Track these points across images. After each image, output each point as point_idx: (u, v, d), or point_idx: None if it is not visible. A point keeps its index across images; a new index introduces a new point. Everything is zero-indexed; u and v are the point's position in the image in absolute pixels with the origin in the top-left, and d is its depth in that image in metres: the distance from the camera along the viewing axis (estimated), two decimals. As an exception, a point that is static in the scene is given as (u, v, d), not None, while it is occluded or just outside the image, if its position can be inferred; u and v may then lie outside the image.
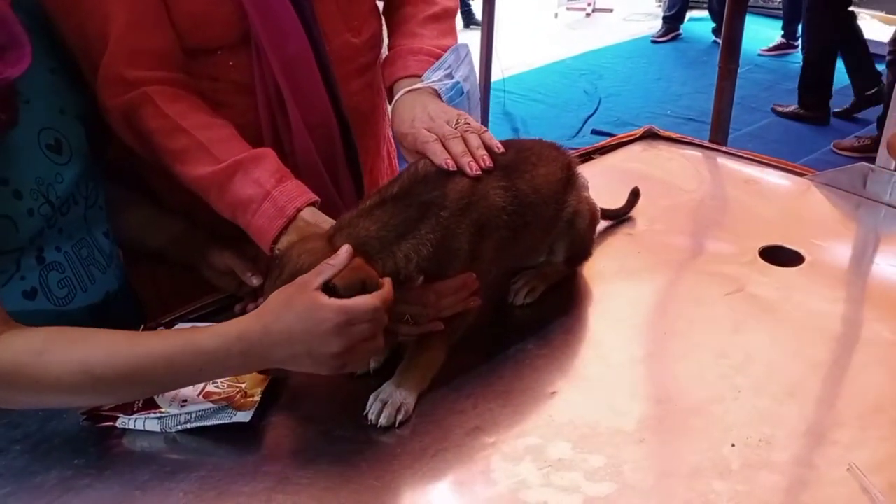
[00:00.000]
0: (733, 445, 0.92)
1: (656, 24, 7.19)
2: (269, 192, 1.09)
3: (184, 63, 1.16)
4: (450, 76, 1.20)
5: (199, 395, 0.98)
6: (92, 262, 1.11)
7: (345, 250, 0.93)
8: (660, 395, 1.02)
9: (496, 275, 1.11)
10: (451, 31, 1.32)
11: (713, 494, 0.86)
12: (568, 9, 7.75)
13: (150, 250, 1.24)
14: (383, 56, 1.32)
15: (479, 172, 1.05)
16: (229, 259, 1.17)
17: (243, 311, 1.11)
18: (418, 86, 1.20)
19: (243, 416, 0.94)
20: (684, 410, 0.98)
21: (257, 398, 0.97)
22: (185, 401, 0.97)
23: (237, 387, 0.99)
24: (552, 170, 1.15)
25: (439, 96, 1.19)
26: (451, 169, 1.04)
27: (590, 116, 5.20)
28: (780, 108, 5.08)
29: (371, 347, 0.92)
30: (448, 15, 1.33)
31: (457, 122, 1.10)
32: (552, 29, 7.45)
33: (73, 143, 1.07)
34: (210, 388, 0.99)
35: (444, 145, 1.07)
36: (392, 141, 1.50)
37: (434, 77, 1.20)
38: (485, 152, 1.07)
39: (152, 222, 1.23)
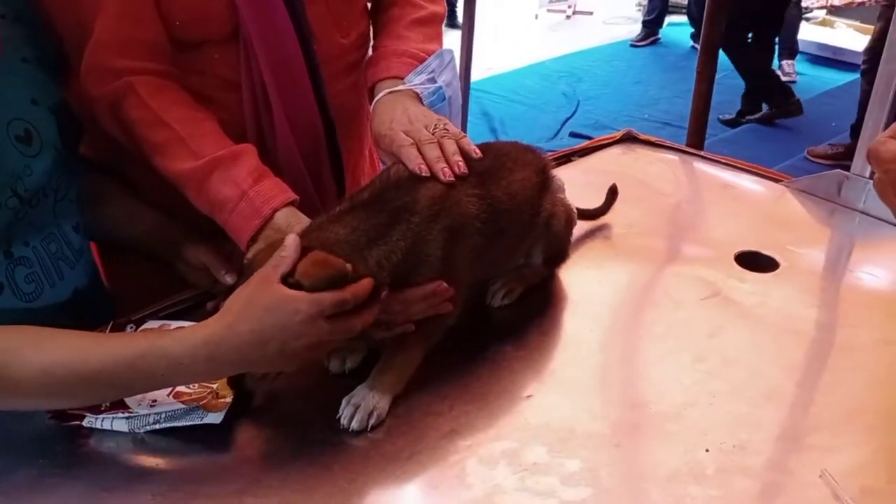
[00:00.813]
0: (708, 450, 0.92)
1: (636, 28, 7.25)
2: (245, 192, 1.07)
3: (172, 55, 1.14)
4: (432, 80, 1.19)
5: (169, 395, 0.96)
6: (61, 256, 1.09)
7: (290, 238, 0.91)
8: (636, 399, 1.02)
9: (472, 281, 1.09)
10: (437, 36, 1.31)
11: (688, 499, 0.86)
12: (548, 10, 7.79)
13: (126, 244, 1.22)
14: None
15: (452, 178, 1.03)
16: (204, 255, 1.15)
17: (216, 309, 1.09)
18: (400, 87, 1.18)
19: (214, 418, 0.92)
20: (660, 415, 0.98)
21: (229, 399, 0.95)
22: (154, 401, 0.95)
23: (208, 387, 0.97)
24: (528, 174, 1.14)
25: (420, 100, 1.18)
26: (424, 174, 1.03)
27: (568, 118, 5.23)
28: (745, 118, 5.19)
29: (341, 340, 0.91)
30: (435, 20, 1.32)
31: (434, 127, 1.09)
32: (532, 30, 7.49)
33: (44, 135, 1.04)
34: (181, 388, 0.97)
35: (419, 150, 1.06)
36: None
37: (416, 80, 1.19)
38: (460, 158, 1.05)
39: (128, 215, 1.20)
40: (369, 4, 1.34)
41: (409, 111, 1.13)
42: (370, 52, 1.32)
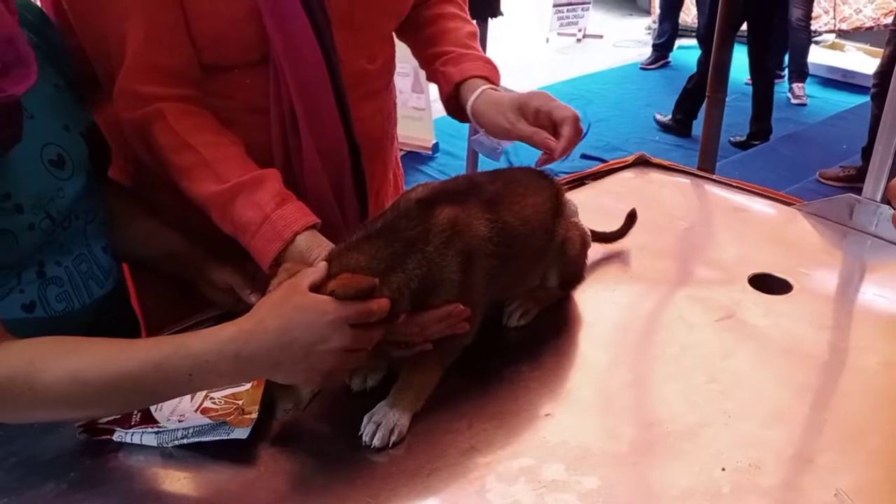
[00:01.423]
0: (723, 469, 0.94)
1: (645, 52, 7.30)
2: (268, 216, 1.10)
3: (199, 80, 1.17)
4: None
5: (196, 410, 0.98)
6: (91, 276, 1.12)
7: (321, 262, 0.94)
8: (651, 419, 1.03)
9: (487, 302, 1.11)
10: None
11: (704, 517, 0.88)
12: (559, 34, 7.83)
13: (148, 263, 1.25)
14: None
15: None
16: (229, 276, 1.18)
17: None
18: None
19: (241, 433, 0.95)
20: (675, 434, 1.00)
21: (254, 416, 0.97)
22: (182, 416, 0.97)
23: (234, 403, 0.99)
24: (540, 200, 1.17)
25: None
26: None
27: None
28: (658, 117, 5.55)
29: (360, 357, 0.93)
30: (477, 36, 1.41)
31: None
32: (543, 54, 7.54)
33: (75, 159, 1.08)
34: (207, 404, 0.99)
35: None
36: (399, 164, 1.52)
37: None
38: None
39: (151, 236, 1.24)
40: (394, 33, 1.38)
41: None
42: (395, 76, 1.38)
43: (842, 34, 6.95)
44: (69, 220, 1.08)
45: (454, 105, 1.34)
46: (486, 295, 1.09)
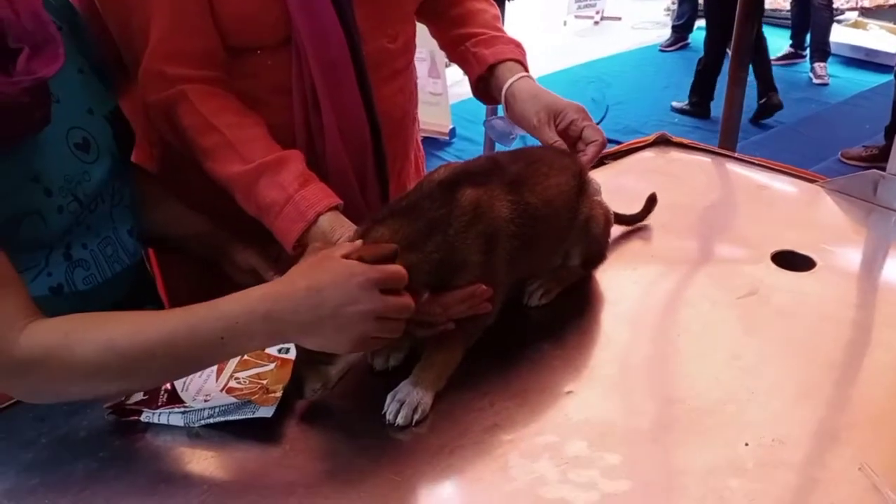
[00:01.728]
0: (747, 445, 0.94)
1: (664, 33, 7.23)
2: (291, 196, 1.11)
3: (224, 62, 1.18)
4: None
5: (221, 390, 1.00)
6: (116, 259, 1.13)
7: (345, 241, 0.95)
8: (674, 396, 1.03)
9: (510, 282, 1.12)
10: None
11: (728, 491, 0.87)
12: (576, 17, 7.78)
13: (174, 246, 1.26)
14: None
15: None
16: (252, 258, 1.19)
17: None
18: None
19: (266, 412, 0.96)
20: (699, 410, 1.00)
21: (279, 395, 0.98)
22: (208, 396, 0.99)
23: (259, 383, 1.00)
24: (563, 179, 1.16)
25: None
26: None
27: (598, 123, 5.20)
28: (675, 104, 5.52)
29: (394, 326, 0.92)
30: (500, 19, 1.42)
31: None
32: (561, 37, 7.49)
33: (101, 143, 1.09)
34: (232, 383, 1.01)
35: None
36: (420, 146, 1.53)
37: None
38: None
39: (176, 219, 1.25)
40: (416, 16, 1.38)
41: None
42: (416, 55, 1.38)
43: (864, 12, 6.84)
44: (95, 203, 1.09)
45: (483, 87, 1.34)
46: (508, 275, 1.09)
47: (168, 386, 1.00)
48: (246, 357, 1.05)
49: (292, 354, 1.03)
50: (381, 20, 1.27)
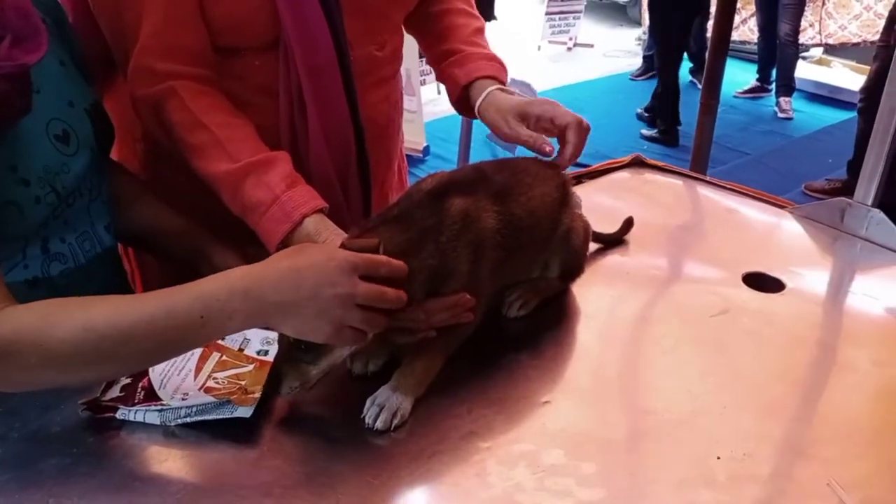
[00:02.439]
0: (718, 458, 0.96)
1: (635, 62, 7.36)
2: (277, 197, 1.11)
3: (213, 61, 1.19)
4: None
5: (199, 389, 0.99)
6: (94, 255, 1.12)
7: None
8: (648, 408, 1.05)
9: (492, 291, 1.13)
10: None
11: (700, 502, 0.89)
12: (550, 42, 7.89)
13: (153, 246, 1.25)
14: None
15: None
16: (231, 260, 1.18)
17: None
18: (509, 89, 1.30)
19: (244, 412, 0.95)
20: (672, 423, 1.02)
21: (258, 395, 0.98)
22: (186, 395, 0.98)
23: (237, 383, 1.00)
24: (547, 190, 1.18)
25: None
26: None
27: (569, 147, 5.28)
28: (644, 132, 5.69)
29: (373, 318, 0.91)
30: (485, 31, 1.42)
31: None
32: (534, 61, 7.58)
33: (81, 136, 1.09)
34: (211, 383, 1.00)
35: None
36: (404, 157, 1.54)
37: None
38: None
39: (154, 216, 1.24)
40: (405, 29, 1.40)
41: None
42: (402, 65, 1.39)
43: (828, 49, 7.04)
44: (73, 196, 1.08)
45: (465, 106, 1.35)
46: (491, 285, 1.11)
47: (145, 383, 0.99)
48: (224, 358, 1.04)
49: (271, 357, 1.03)
50: (369, 28, 1.28)
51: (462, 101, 1.35)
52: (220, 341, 1.07)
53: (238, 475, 0.91)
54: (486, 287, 1.09)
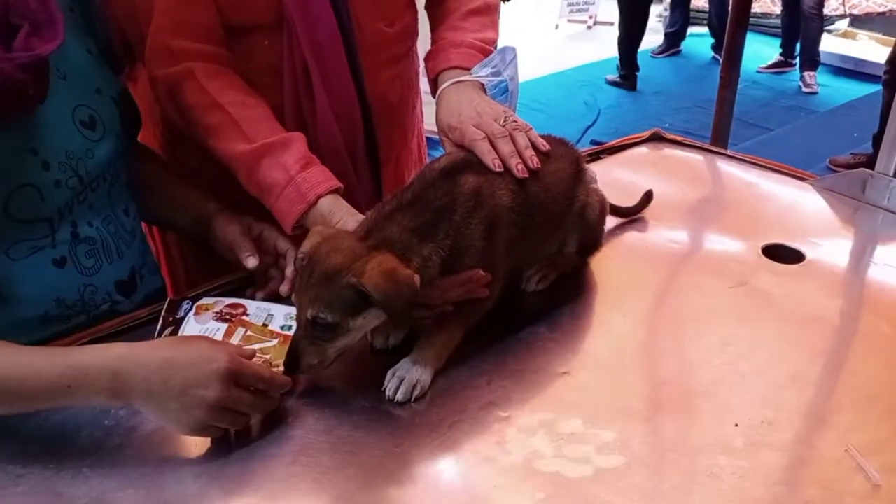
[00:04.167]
0: (737, 425, 0.96)
1: (656, 39, 7.27)
2: (293, 178, 1.13)
3: (225, 38, 1.20)
4: (496, 74, 1.23)
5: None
6: (119, 236, 1.15)
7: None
8: (666, 378, 1.06)
9: (509, 268, 1.14)
10: (493, 25, 1.35)
11: (717, 469, 0.90)
12: (569, 21, 7.81)
13: (177, 228, 1.27)
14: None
15: (527, 174, 1.08)
16: (231, 235, 1.18)
17: (252, 297, 1.16)
18: (465, 78, 1.22)
19: None
20: (690, 392, 1.03)
21: (281, 369, 1.00)
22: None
23: (262, 357, 1.02)
24: (561, 166, 1.19)
25: (485, 91, 1.22)
26: (498, 170, 1.07)
27: (589, 127, 5.27)
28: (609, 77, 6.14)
29: (243, 416, 0.93)
30: (490, 9, 1.36)
31: (504, 120, 1.12)
32: (553, 40, 7.52)
33: (107, 123, 1.11)
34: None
35: (492, 144, 1.09)
36: (423, 136, 1.53)
37: (481, 73, 1.23)
38: (532, 153, 1.10)
39: (175, 195, 1.26)
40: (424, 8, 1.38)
41: (475, 103, 1.17)
42: (417, 45, 1.37)
43: (854, 21, 6.91)
44: (97, 182, 1.10)
45: None
46: (507, 261, 1.11)
47: None
48: (249, 333, 1.07)
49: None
50: (377, 3, 1.28)
51: None
52: (244, 317, 1.09)
53: (265, 444, 0.93)
54: (503, 263, 1.10)
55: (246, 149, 1.14)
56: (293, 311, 1.08)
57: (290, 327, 1.07)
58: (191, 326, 1.08)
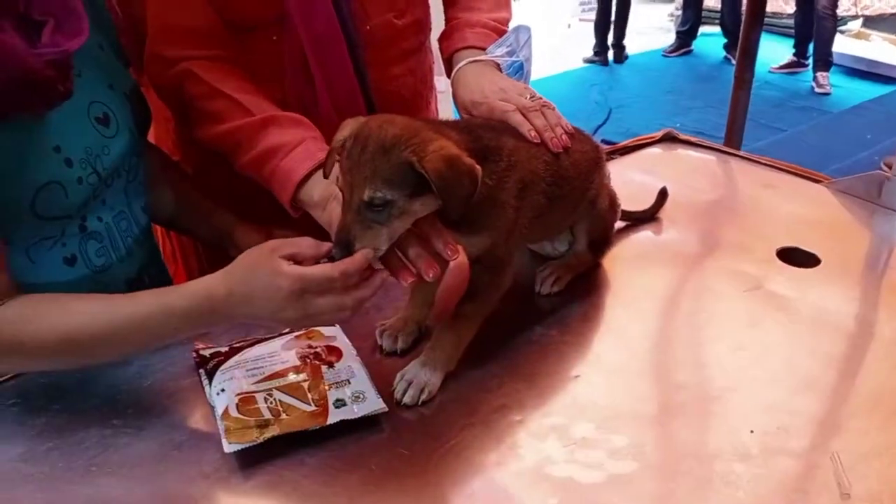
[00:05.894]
0: (752, 432, 0.95)
1: (668, 38, 7.25)
2: (303, 139, 1.10)
3: (225, 40, 1.18)
4: (512, 53, 1.22)
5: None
6: (130, 234, 1.14)
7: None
8: (680, 382, 1.05)
9: (525, 243, 1.13)
10: (507, 4, 1.34)
11: (734, 475, 0.89)
12: (580, 20, 7.79)
13: (183, 227, 1.27)
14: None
15: (560, 149, 1.08)
16: (255, 240, 1.17)
17: None
18: (482, 57, 1.21)
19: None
20: (704, 397, 1.01)
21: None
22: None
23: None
24: (587, 148, 1.19)
25: (500, 70, 1.21)
26: (535, 141, 1.07)
27: (600, 126, 5.24)
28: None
29: (334, 317, 0.95)
30: None
31: (531, 96, 1.11)
32: (565, 39, 7.50)
33: (120, 118, 1.10)
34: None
35: (525, 117, 1.08)
36: None
37: (497, 52, 1.22)
38: (562, 130, 1.10)
39: (186, 200, 1.26)
40: None
41: (497, 81, 1.16)
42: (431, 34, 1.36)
43: (867, 22, 6.87)
44: (113, 177, 1.10)
45: None
46: (528, 230, 1.09)
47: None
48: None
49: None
50: None
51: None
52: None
53: (273, 448, 0.92)
54: (524, 232, 1.07)
55: (251, 120, 1.12)
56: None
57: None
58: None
